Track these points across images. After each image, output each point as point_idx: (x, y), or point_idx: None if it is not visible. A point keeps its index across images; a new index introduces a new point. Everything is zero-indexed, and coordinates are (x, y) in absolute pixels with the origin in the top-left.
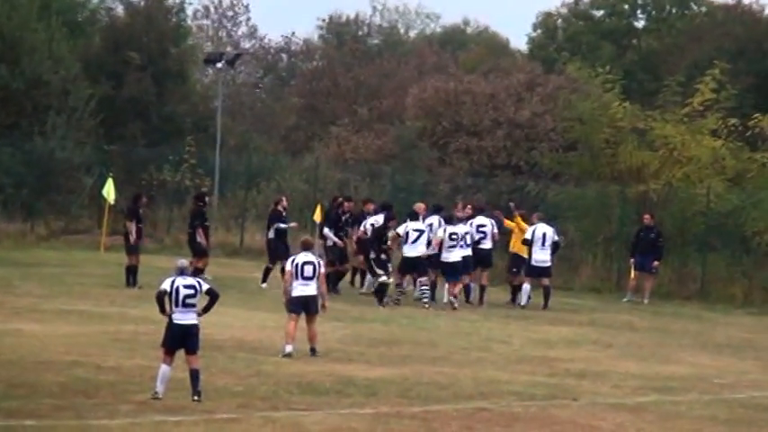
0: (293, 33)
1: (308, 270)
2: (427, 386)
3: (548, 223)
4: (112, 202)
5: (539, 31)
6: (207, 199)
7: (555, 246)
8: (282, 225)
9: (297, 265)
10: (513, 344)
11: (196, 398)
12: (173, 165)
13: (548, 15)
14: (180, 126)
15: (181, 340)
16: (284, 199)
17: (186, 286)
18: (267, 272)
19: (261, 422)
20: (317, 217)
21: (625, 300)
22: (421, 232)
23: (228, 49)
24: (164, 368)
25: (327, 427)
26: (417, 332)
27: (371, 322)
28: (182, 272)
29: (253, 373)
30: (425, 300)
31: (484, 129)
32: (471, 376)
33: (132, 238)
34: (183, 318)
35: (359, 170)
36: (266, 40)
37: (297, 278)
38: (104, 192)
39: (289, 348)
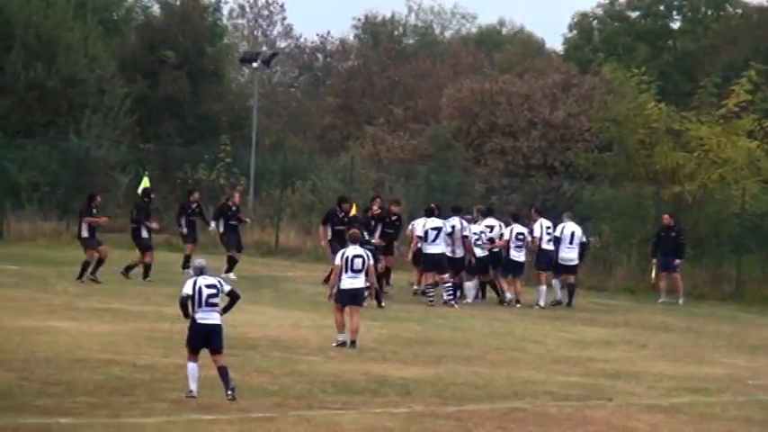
0: (329, 33)
1: (358, 263)
2: (462, 386)
3: (578, 223)
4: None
5: (574, 31)
6: (153, 195)
7: (582, 246)
8: (231, 222)
9: (347, 258)
10: (548, 344)
11: (230, 393)
12: (208, 164)
13: (583, 16)
14: (215, 125)
15: (204, 340)
16: (237, 195)
17: (208, 286)
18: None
19: (295, 421)
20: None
21: (660, 301)
22: (439, 230)
23: (264, 48)
24: (191, 366)
25: (362, 426)
26: (452, 332)
27: (406, 322)
28: (201, 271)
29: (287, 372)
30: (451, 299)
31: (519, 129)
32: (506, 376)
33: (84, 235)
34: (207, 317)
35: (394, 170)
36: (302, 40)
37: (346, 271)
38: (140, 191)
39: (341, 338)
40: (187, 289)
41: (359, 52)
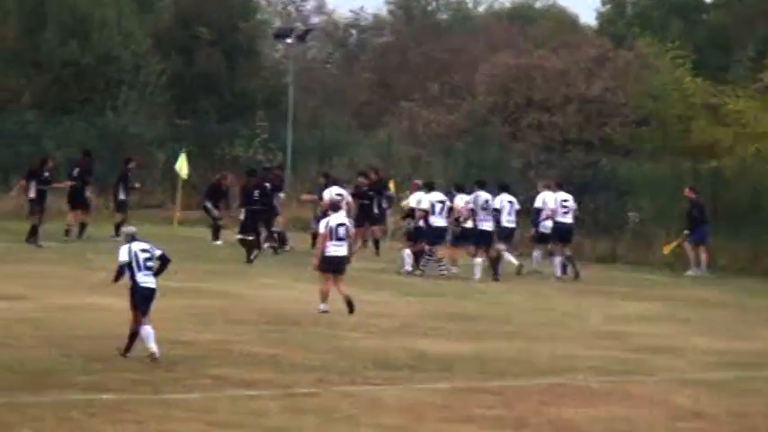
0: (362, 8)
1: (342, 231)
2: (503, 361)
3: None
4: (185, 177)
5: (607, 6)
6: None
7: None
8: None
9: (331, 227)
10: (589, 319)
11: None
12: (245, 140)
13: None
14: (251, 101)
15: (144, 301)
16: (228, 177)
17: (143, 250)
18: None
19: (338, 397)
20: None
21: (689, 273)
22: (443, 203)
23: (298, 24)
24: (145, 329)
25: (404, 402)
26: (492, 307)
27: (447, 297)
28: (133, 237)
29: (330, 348)
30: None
31: (555, 104)
32: (547, 351)
33: (32, 194)
34: (147, 281)
35: (431, 146)
36: (335, 15)
37: (331, 239)
38: (177, 167)
39: (324, 306)
40: (123, 256)
41: (393, 28)
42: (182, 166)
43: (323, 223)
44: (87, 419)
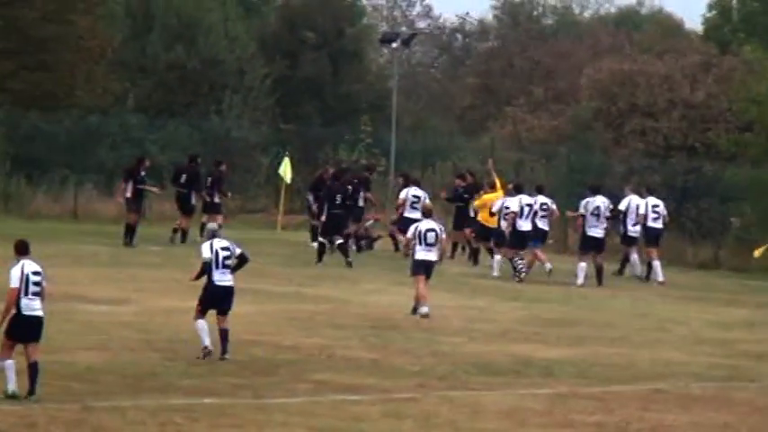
0: (468, 13)
1: (431, 236)
2: (604, 367)
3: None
4: (289, 182)
5: (713, 12)
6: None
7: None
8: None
9: (420, 232)
10: (691, 325)
11: (225, 356)
12: (349, 144)
13: None
14: (356, 105)
15: (218, 300)
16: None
17: (223, 248)
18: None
19: (438, 401)
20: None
21: None
22: (531, 206)
23: (403, 28)
24: (201, 322)
25: (504, 407)
26: (594, 313)
27: (549, 302)
28: (214, 235)
29: (430, 353)
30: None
31: (659, 110)
32: (648, 357)
33: (128, 194)
34: (223, 279)
35: (534, 151)
36: (441, 20)
37: (420, 244)
38: (281, 171)
39: (425, 309)
40: (206, 253)
41: (498, 32)
42: (285, 170)
43: (412, 228)
44: (189, 424)
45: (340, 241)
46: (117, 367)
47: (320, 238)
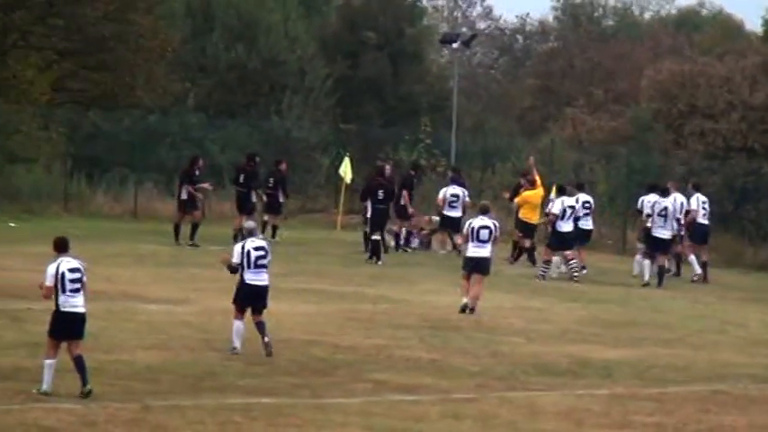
0: (528, 14)
1: (484, 234)
2: (663, 368)
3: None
4: (349, 182)
5: None
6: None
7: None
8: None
9: (473, 228)
10: (750, 326)
11: (268, 349)
12: (408, 145)
13: None
14: (416, 106)
15: (251, 299)
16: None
17: (256, 248)
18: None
19: (497, 402)
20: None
21: None
22: (574, 208)
23: (464, 29)
24: (237, 324)
25: (563, 408)
26: (653, 314)
27: (607, 303)
28: (250, 233)
29: (489, 354)
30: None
31: (719, 111)
32: (707, 359)
33: (184, 196)
34: (255, 278)
35: (594, 152)
36: (501, 21)
37: (472, 240)
38: (341, 171)
39: (464, 300)
40: (236, 258)
41: (558, 33)
42: (345, 170)
43: (467, 224)
44: (248, 423)
45: (376, 238)
46: (176, 367)
47: (372, 237)
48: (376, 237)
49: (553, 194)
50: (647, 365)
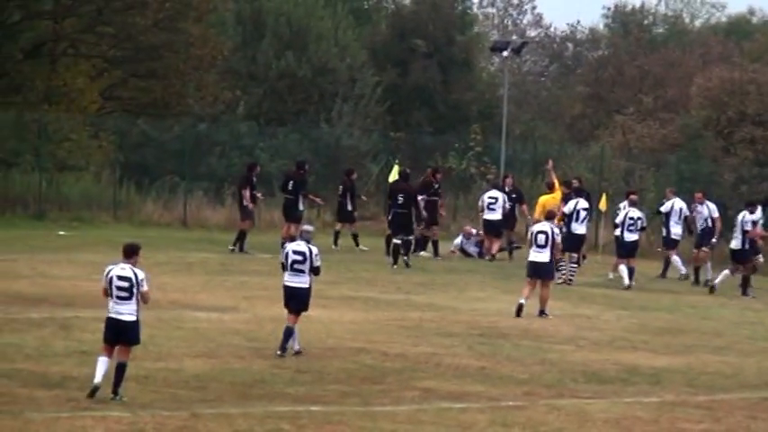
0: (578, 22)
1: (541, 238)
2: (712, 375)
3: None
4: None
5: None
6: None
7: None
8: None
9: (532, 233)
10: None
11: (282, 352)
12: (458, 152)
13: None
14: (466, 114)
15: (288, 300)
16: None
17: (295, 252)
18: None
19: (545, 410)
20: (603, 205)
21: None
22: (588, 210)
23: (514, 37)
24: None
25: (612, 416)
26: (702, 321)
27: (656, 311)
28: (302, 236)
29: (538, 361)
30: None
31: None
32: (756, 366)
33: (246, 202)
34: (291, 280)
35: (643, 159)
36: (551, 29)
37: (531, 246)
38: (391, 179)
39: (521, 300)
40: (282, 257)
41: (609, 41)
42: (395, 178)
43: (530, 231)
44: (296, 431)
45: (397, 241)
46: (225, 374)
47: (394, 240)
48: (396, 240)
49: (623, 204)
50: (696, 373)
